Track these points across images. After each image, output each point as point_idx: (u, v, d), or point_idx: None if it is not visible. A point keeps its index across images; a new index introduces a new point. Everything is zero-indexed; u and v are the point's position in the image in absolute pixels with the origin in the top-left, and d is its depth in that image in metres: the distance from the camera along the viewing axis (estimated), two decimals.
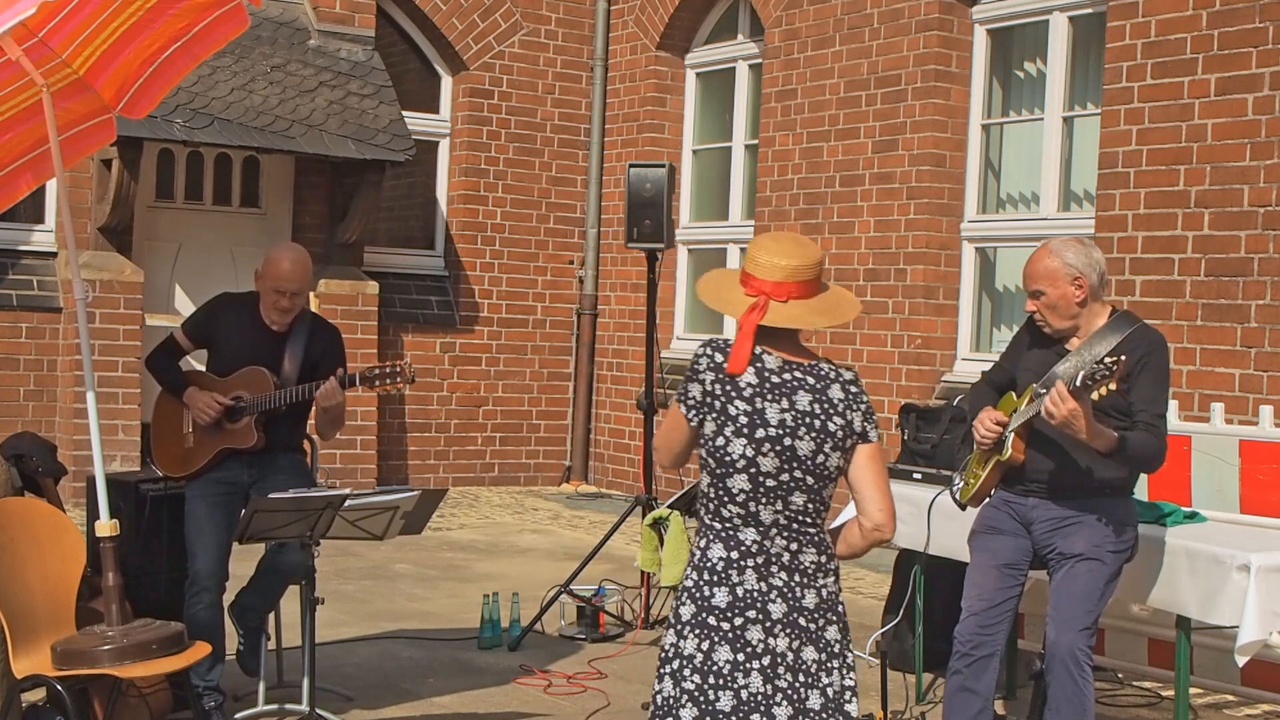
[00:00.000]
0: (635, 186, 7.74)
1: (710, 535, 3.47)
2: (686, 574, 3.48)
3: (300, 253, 5.74)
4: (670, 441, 3.56)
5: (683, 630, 3.43)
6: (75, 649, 4.65)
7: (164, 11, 4.77)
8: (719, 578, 3.41)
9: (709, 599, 3.41)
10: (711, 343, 3.50)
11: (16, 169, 5.24)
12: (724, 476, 3.43)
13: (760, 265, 3.53)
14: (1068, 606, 4.82)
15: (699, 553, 3.47)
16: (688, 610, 3.44)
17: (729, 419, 3.42)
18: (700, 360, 3.47)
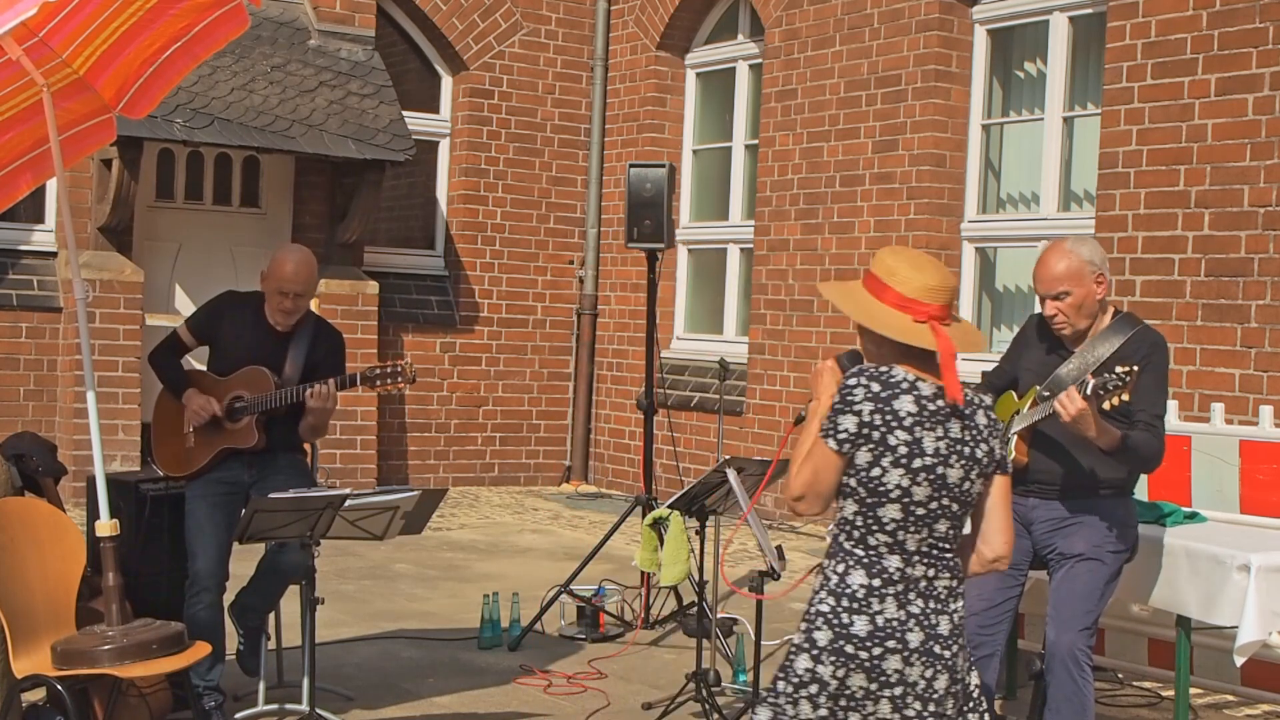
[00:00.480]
0: (635, 186, 7.74)
1: (850, 561, 3.40)
2: (818, 596, 3.42)
3: (305, 254, 5.74)
4: (820, 484, 3.40)
5: (820, 656, 3.37)
6: (75, 649, 4.65)
7: (164, 11, 4.77)
8: (859, 605, 3.37)
9: (848, 627, 3.36)
10: (864, 372, 3.40)
11: (16, 169, 5.24)
12: (875, 506, 3.37)
13: (926, 290, 3.44)
14: (1068, 606, 4.82)
15: (835, 577, 3.40)
16: (824, 635, 3.38)
17: (887, 449, 3.35)
18: (856, 391, 3.37)
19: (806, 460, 3.40)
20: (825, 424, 3.36)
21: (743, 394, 11.16)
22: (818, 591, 3.41)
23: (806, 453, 3.38)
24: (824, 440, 3.36)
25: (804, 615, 3.43)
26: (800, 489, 3.41)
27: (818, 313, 10.63)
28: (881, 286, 3.46)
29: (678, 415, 11.55)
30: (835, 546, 3.43)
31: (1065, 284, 4.84)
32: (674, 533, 6.48)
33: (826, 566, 3.42)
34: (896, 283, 3.45)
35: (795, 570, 8.95)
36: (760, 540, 5.23)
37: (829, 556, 3.43)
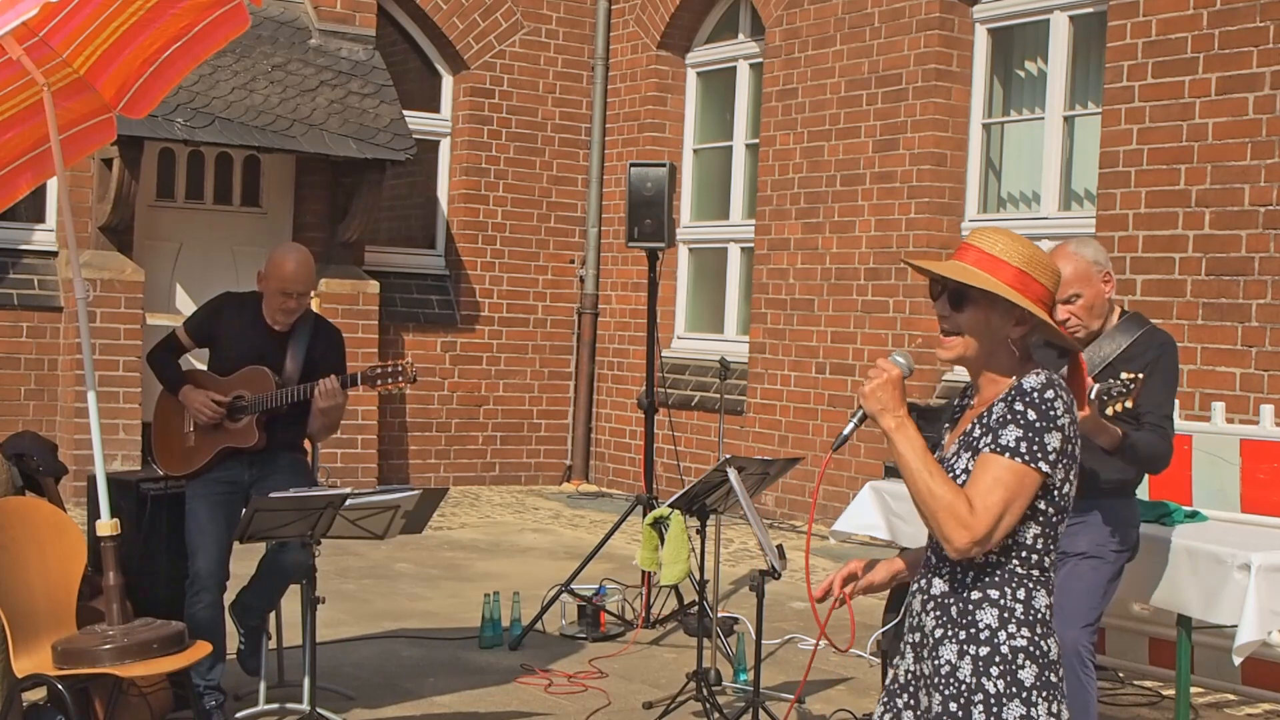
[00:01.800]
0: (636, 186, 7.74)
1: (1030, 584, 2.98)
2: (1006, 633, 2.95)
3: (304, 254, 5.74)
4: (1013, 516, 2.91)
5: (1030, 697, 2.94)
6: (76, 648, 4.65)
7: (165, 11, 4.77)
8: (1048, 629, 3.00)
9: (1047, 654, 2.98)
10: (1054, 381, 2.96)
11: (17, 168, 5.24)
12: (1058, 524, 3.00)
13: (1053, 272, 3.06)
14: (1071, 604, 4.82)
15: (1020, 605, 2.96)
16: (1029, 673, 2.95)
17: (1075, 462, 2.99)
18: (1057, 404, 2.92)
19: (1008, 489, 2.89)
20: (1028, 446, 2.89)
21: (743, 393, 11.16)
22: (1000, 629, 2.96)
23: (992, 482, 2.89)
24: (1029, 465, 2.88)
25: (988, 660, 2.95)
26: (990, 525, 2.89)
27: (818, 312, 10.63)
28: (1025, 278, 2.99)
29: (678, 414, 11.55)
30: (1005, 574, 2.97)
31: (1075, 286, 4.82)
32: (674, 532, 6.48)
33: (998, 599, 2.96)
34: (1045, 276, 3.03)
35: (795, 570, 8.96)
36: (761, 539, 5.22)
37: (995, 588, 2.97)
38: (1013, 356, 3.02)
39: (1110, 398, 4.53)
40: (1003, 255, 2.98)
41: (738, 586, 8.28)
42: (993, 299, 2.98)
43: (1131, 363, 4.86)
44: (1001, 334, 3.00)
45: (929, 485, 2.90)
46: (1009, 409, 2.94)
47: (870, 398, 3.00)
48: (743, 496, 5.47)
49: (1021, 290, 2.97)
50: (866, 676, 6.56)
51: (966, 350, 3.02)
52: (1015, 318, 2.99)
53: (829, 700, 6.18)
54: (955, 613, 2.99)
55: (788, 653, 7.01)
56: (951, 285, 3.01)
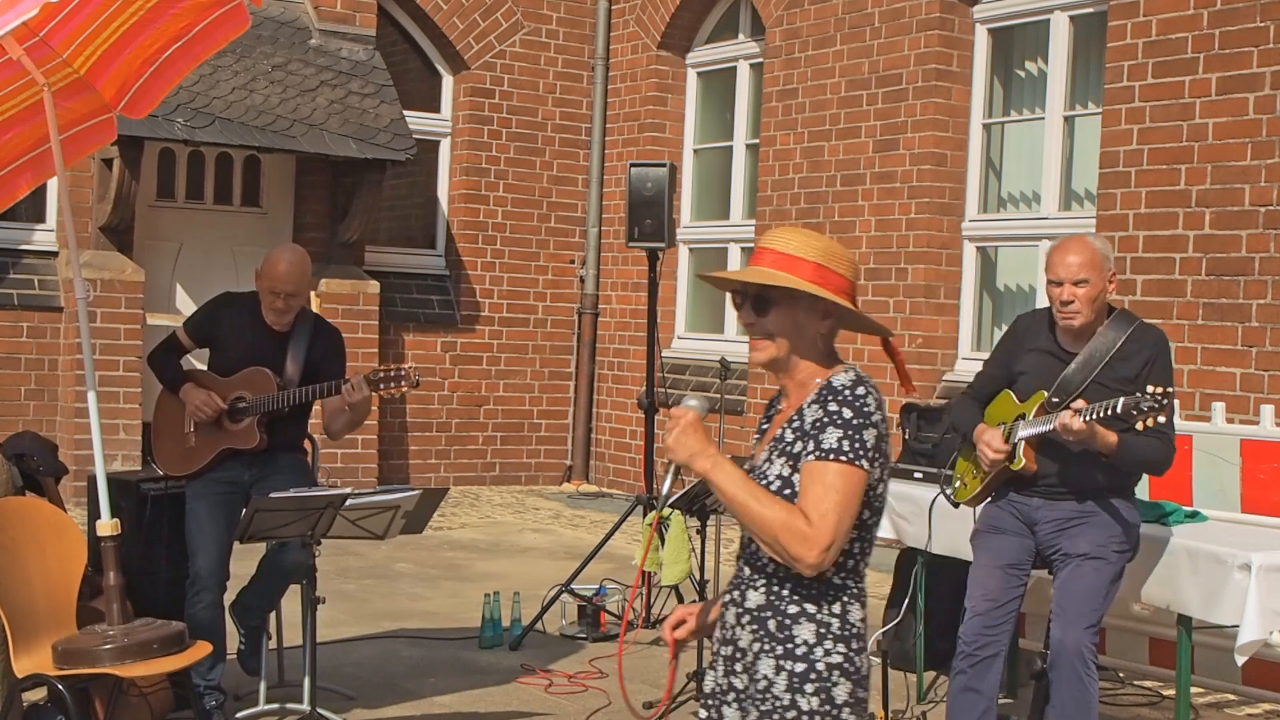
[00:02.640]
0: (636, 186, 7.74)
1: (846, 597, 2.94)
2: (825, 648, 2.90)
3: (298, 254, 5.73)
4: (849, 520, 2.87)
5: (842, 715, 2.90)
6: (76, 648, 4.65)
7: (165, 11, 4.77)
8: (862, 643, 2.95)
9: (860, 669, 2.94)
10: (864, 378, 2.96)
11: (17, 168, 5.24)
12: (873, 526, 2.98)
13: (850, 262, 3.03)
14: (1073, 604, 4.82)
15: (836, 620, 2.91)
16: (843, 691, 2.91)
17: (887, 461, 2.96)
18: (869, 400, 2.92)
19: (845, 493, 2.85)
20: (856, 449, 2.86)
21: (744, 393, 11.16)
22: (816, 645, 2.91)
23: (824, 490, 2.84)
24: (855, 465, 2.85)
25: (803, 677, 2.90)
26: (832, 533, 2.82)
27: None
28: (824, 271, 2.97)
29: None
30: (822, 587, 2.92)
31: (1085, 272, 4.83)
32: (675, 532, 6.48)
33: (815, 614, 2.92)
34: (843, 266, 3.01)
35: None
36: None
37: (811, 602, 2.92)
38: (821, 352, 3.01)
39: (1140, 412, 4.54)
40: (799, 252, 2.97)
41: None
42: (796, 297, 2.97)
43: (1127, 361, 4.86)
44: (810, 331, 2.99)
45: (760, 511, 2.84)
46: (824, 410, 2.91)
47: (676, 448, 2.92)
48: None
49: (822, 284, 2.96)
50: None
51: (779, 352, 3.00)
52: (821, 312, 2.99)
53: None
54: (773, 627, 2.94)
55: None
56: (753, 290, 2.99)
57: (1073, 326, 4.91)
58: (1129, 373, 4.85)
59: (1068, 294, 4.86)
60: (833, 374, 2.97)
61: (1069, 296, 4.86)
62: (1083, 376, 4.86)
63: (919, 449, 6.71)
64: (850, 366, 2.99)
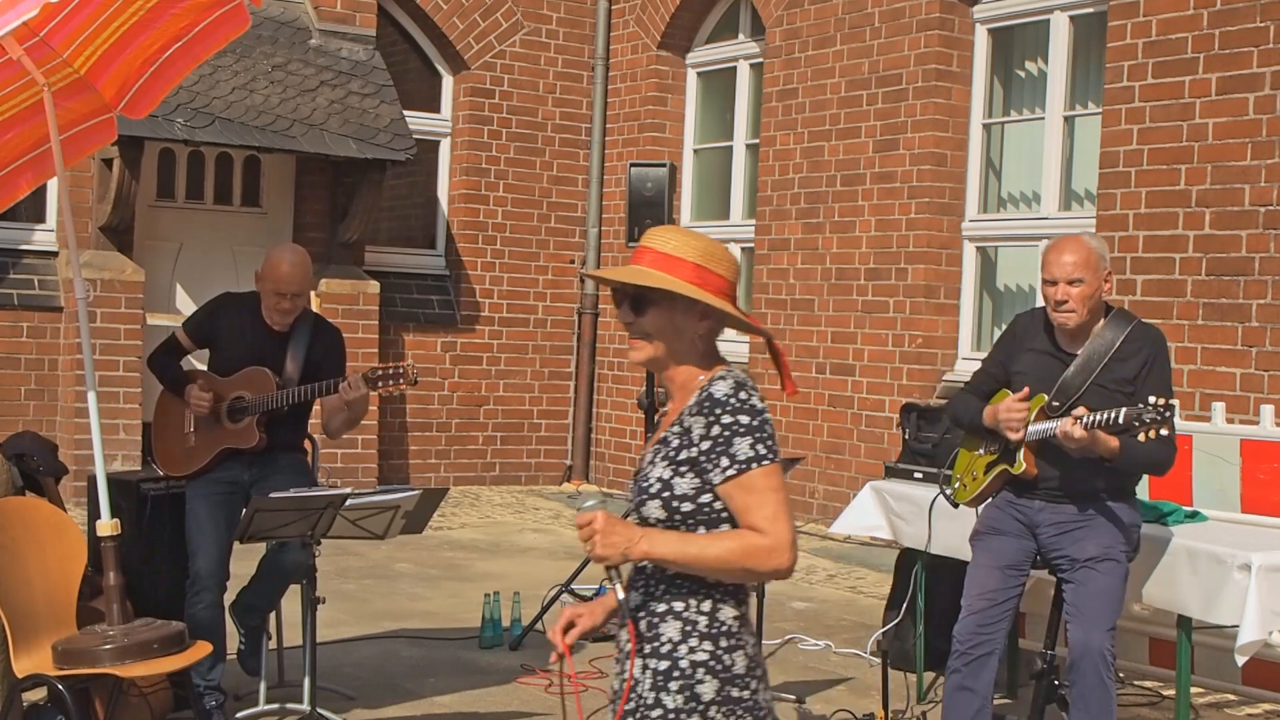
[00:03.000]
0: (636, 186, 7.75)
1: (717, 595, 2.93)
2: (689, 646, 2.90)
3: (300, 254, 5.73)
4: (790, 509, 2.88)
5: (709, 713, 2.88)
6: (76, 648, 4.66)
7: (165, 11, 4.78)
8: (734, 641, 2.93)
9: (730, 668, 2.91)
10: (743, 382, 2.98)
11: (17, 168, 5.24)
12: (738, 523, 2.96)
13: (730, 262, 3.03)
14: (1091, 607, 4.81)
15: (704, 618, 2.91)
16: (709, 688, 2.89)
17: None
18: (755, 399, 2.97)
19: (764, 502, 2.84)
20: (767, 445, 2.88)
21: None
22: (681, 643, 2.90)
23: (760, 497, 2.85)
24: (775, 463, 2.88)
25: (666, 675, 2.89)
26: (785, 531, 2.84)
27: (818, 312, 10.63)
28: (703, 272, 2.96)
29: None
30: (693, 585, 2.91)
31: (1081, 272, 4.82)
32: None
33: (682, 611, 2.91)
34: (723, 267, 2.99)
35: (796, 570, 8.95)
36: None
37: (680, 600, 2.92)
38: (700, 353, 2.99)
39: (1142, 424, 4.53)
40: (678, 252, 2.95)
41: None
42: (674, 298, 2.95)
43: (1126, 363, 4.86)
44: (688, 332, 2.97)
45: (715, 554, 2.83)
46: (719, 425, 2.89)
47: (606, 551, 2.86)
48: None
49: (701, 285, 2.94)
50: (866, 676, 6.55)
51: (656, 352, 2.98)
52: (699, 313, 2.96)
53: (829, 700, 6.18)
54: (644, 626, 2.94)
55: (788, 653, 7.01)
56: (631, 290, 2.97)
57: (1067, 326, 4.90)
58: (1128, 374, 4.84)
59: (1062, 293, 4.85)
60: (711, 383, 2.93)
61: (1063, 296, 4.85)
62: (1082, 379, 4.86)
63: (919, 449, 6.71)
64: (728, 371, 2.97)
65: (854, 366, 10.37)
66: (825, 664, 6.83)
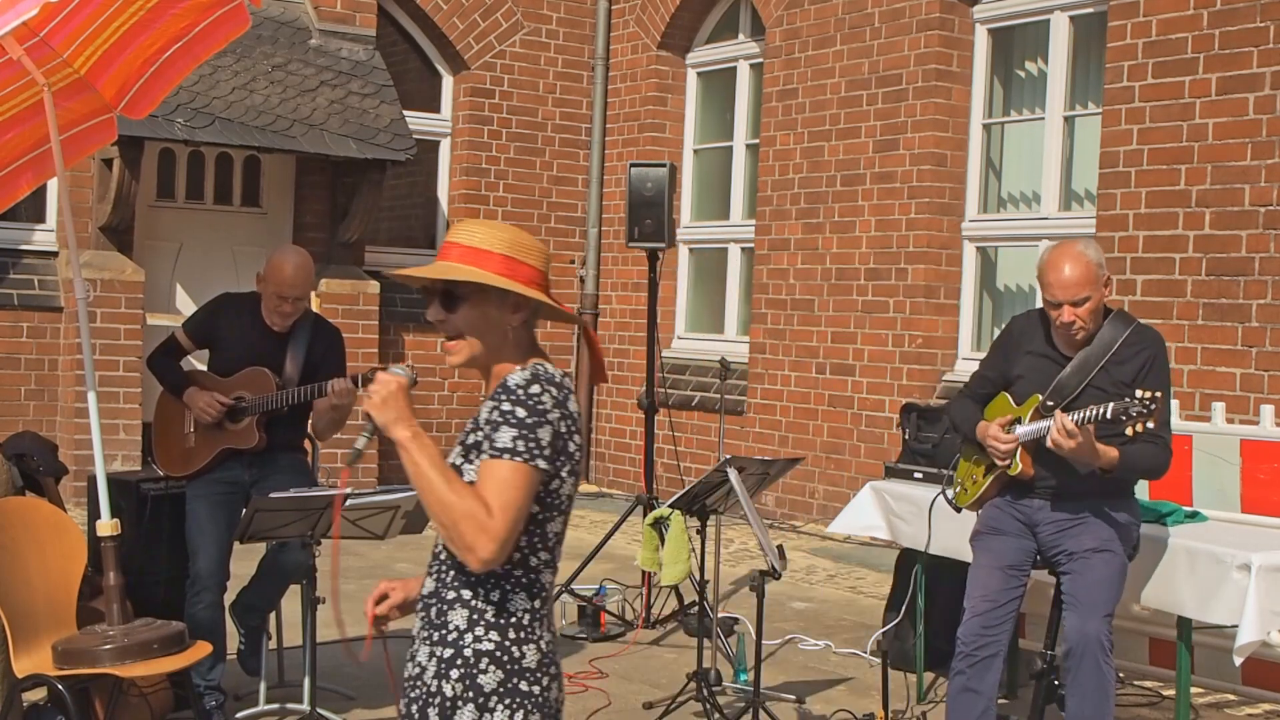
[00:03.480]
0: (636, 186, 7.75)
1: (507, 585, 2.89)
2: (475, 635, 2.88)
3: (303, 257, 5.73)
4: (524, 515, 2.83)
5: (488, 704, 2.85)
6: (76, 648, 4.66)
7: (165, 11, 4.78)
8: (526, 634, 2.89)
9: (519, 660, 2.88)
10: (540, 375, 2.88)
11: (17, 168, 5.25)
12: (545, 522, 2.92)
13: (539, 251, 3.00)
14: (1088, 595, 4.81)
15: (492, 608, 2.88)
16: (491, 679, 2.86)
17: (568, 457, 2.91)
18: (544, 398, 2.86)
19: (515, 488, 2.80)
20: (525, 445, 2.82)
21: (744, 393, 11.16)
22: (468, 630, 2.88)
23: (499, 485, 2.80)
24: (529, 464, 2.81)
25: (449, 662, 2.88)
26: (507, 527, 2.78)
27: (818, 312, 10.63)
28: (513, 263, 2.94)
29: (679, 415, 11.55)
30: (482, 574, 2.88)
31: (1085, 290, 4.78)
32: (675, 532, 6.48)
33: (470, 600, 2.89)
34: (532, 257, 2.97)
35: (796, 570, 8.96)
36: (761, 539, 5.23)
37: (469, 588, 2.90)
38: (516, 347, 2.96)
39: (1130, 418, 4.53)
40: (485, 245, 2.93)
41: (738, 587, 8.28)
42: (486, 292, 2.92)
43: (1124, 365, 4.86)
44: (502, 325, 2.94)
45: (448, 495, 2.80)
46: (498, 409, 2.85)
47: (381, 409, 2.91)
48: (743, 497, 5.47)
49: (511, 276, 2.92)
50: (866, 676, 6.55)
51: (473, 350, 2.96)
52: (512, 305, 2.94)
53: (829, 700, 6.18)
54: (434, 614, 2.93)
55: (788, 653, 7.01)
56: (440, 286, 2.93)
57: (1077, 341, 4.90)
58: (1125, 376, 4.84)
59: (1069, 315, 4.81)
60: (511, 373, 2.89)
61: (1071, 318, 4.81)
62: (1078, 380, 4.86)
63: (919, 449, 6.71)
64: (540, 364, 2.92)
65: (854, 366, 10.37)
66: (825, 664, 6.83)
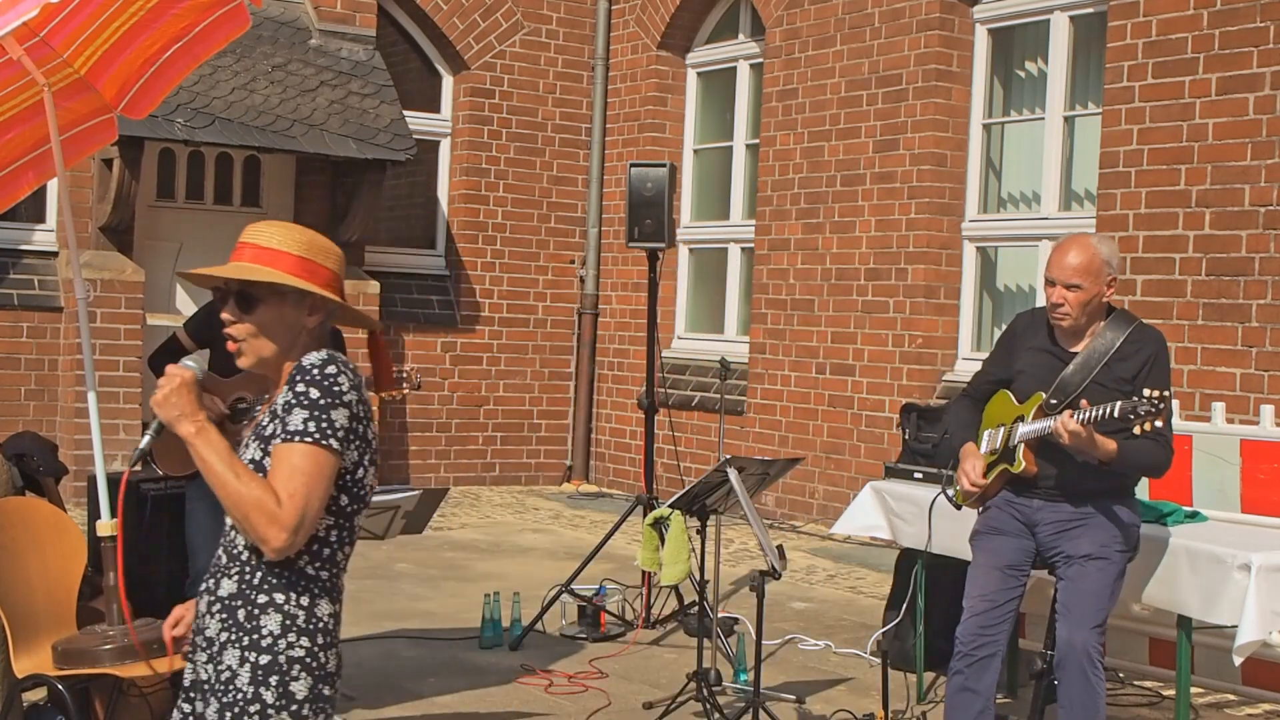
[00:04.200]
0: (636, 186, 7.74)
1: (316, 589, 2.87)
2: (289, 641, 2.83)
3: None
4: (317, 503, 2.78)
5: (301, 711, 2.83)
6: (76, 648, 4.66)
7: (165, 11, 4.78)
8: (330, 639, 2.88)
9: (325, 666, 2.87)
10: (336, 357, 2.87)
11: (18, 168, 5.25)
12: (353, 515, 2.91)
13: (335, 254, 3.01)
14: (1079, 605, 4.82)
15: (302, 613, 2.85)
16: (303, 686, 2.83)
17: (368, 445, 2.89)
18: (341, 379, 2.83)
19: (309, 473, 2.77)
20: (317, 425, 2.78)
21: (744, 393, 11.16)
22: (282, 636, 2.83)
23: (290, 471, 2.76)
24: (319, 445, 2.77)
25: (266, 670, 2.82)
26: (297, 515, 2.75)
27: (818, 312, 10.63)
28: (309, 264, 2.93)
29: (679, 415, 11.55)
30: (294, 577, 2.85)
31: (1081, 277, 4.81)
32: (675, 532, 6.48)
33: (283, 604, 2.85)
34: (328, 259, 2.97)
35: (796, 570, 8.96)
36: (761, 539, 5.22)
37: (281, 591, 2.85)
38: (310, 349, 2.94)
39: (1137, 416, 4.53)
40: (282, 246, 2.92)
41: (738, 587, 8.29)
42: (282, 293, 2.91)
43: (1125, 362, 4.87)
44: (297, 327, 2.94)
45: (237, 487, 2.76)
46: (291, 391, 2.83)
47: (164, 405, 2.90)
48: (743, 497, 5.47)
49: (309, 277, 2.92)
50: (866, 676, 6.55)
51: (264, 351, 2.95)
52: (308, 307, 2.94)
53: (829, 700, 6.18)
54: (242, 616, 2.86)
55: (788, 653, 7.01)
56: (235, 286, 2.91)
57: (1062, 327, 4.92)
58: (1127, 373, 4.85)
59: (1058, 296, 4.85)
60: (306, 355, 2.88)
61: (1059, 299, 4.86)
62: (1081, 377, 4.86)
63: (919, 449, 6.71)
64: (334, 354, 2.90)
65: (854, 366, 10.37)
66: (825, 664, 6.83)
